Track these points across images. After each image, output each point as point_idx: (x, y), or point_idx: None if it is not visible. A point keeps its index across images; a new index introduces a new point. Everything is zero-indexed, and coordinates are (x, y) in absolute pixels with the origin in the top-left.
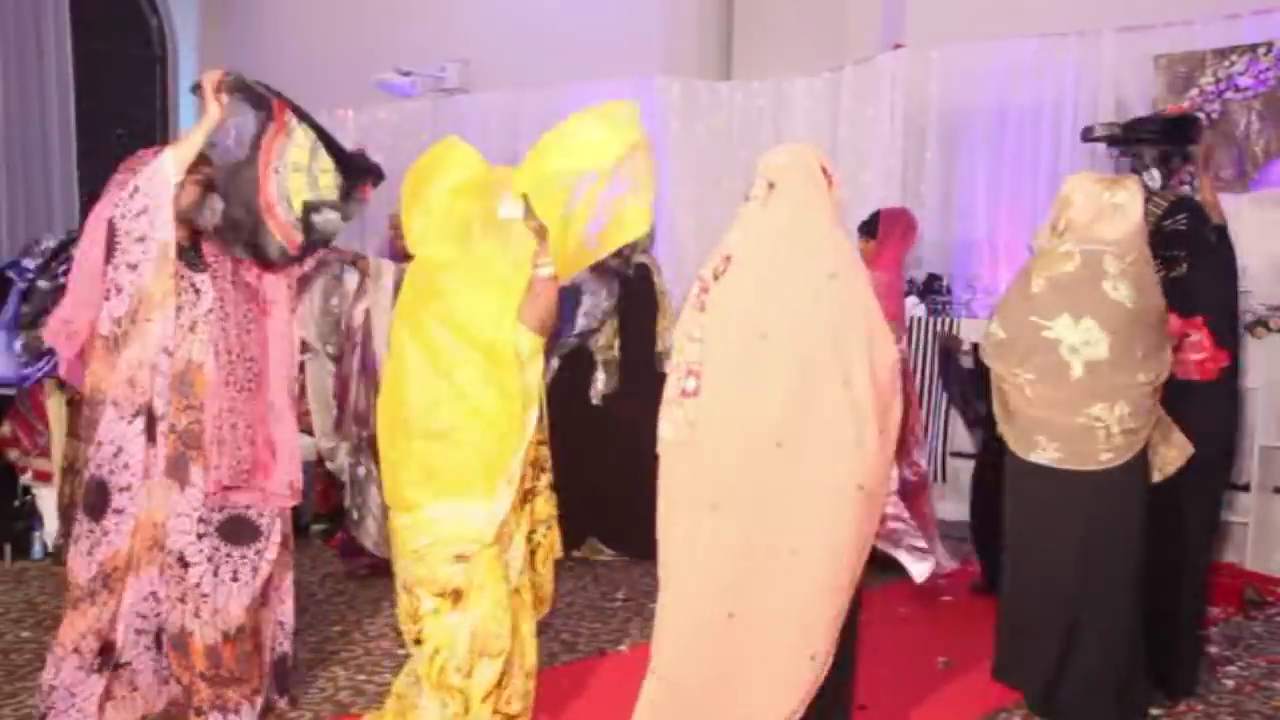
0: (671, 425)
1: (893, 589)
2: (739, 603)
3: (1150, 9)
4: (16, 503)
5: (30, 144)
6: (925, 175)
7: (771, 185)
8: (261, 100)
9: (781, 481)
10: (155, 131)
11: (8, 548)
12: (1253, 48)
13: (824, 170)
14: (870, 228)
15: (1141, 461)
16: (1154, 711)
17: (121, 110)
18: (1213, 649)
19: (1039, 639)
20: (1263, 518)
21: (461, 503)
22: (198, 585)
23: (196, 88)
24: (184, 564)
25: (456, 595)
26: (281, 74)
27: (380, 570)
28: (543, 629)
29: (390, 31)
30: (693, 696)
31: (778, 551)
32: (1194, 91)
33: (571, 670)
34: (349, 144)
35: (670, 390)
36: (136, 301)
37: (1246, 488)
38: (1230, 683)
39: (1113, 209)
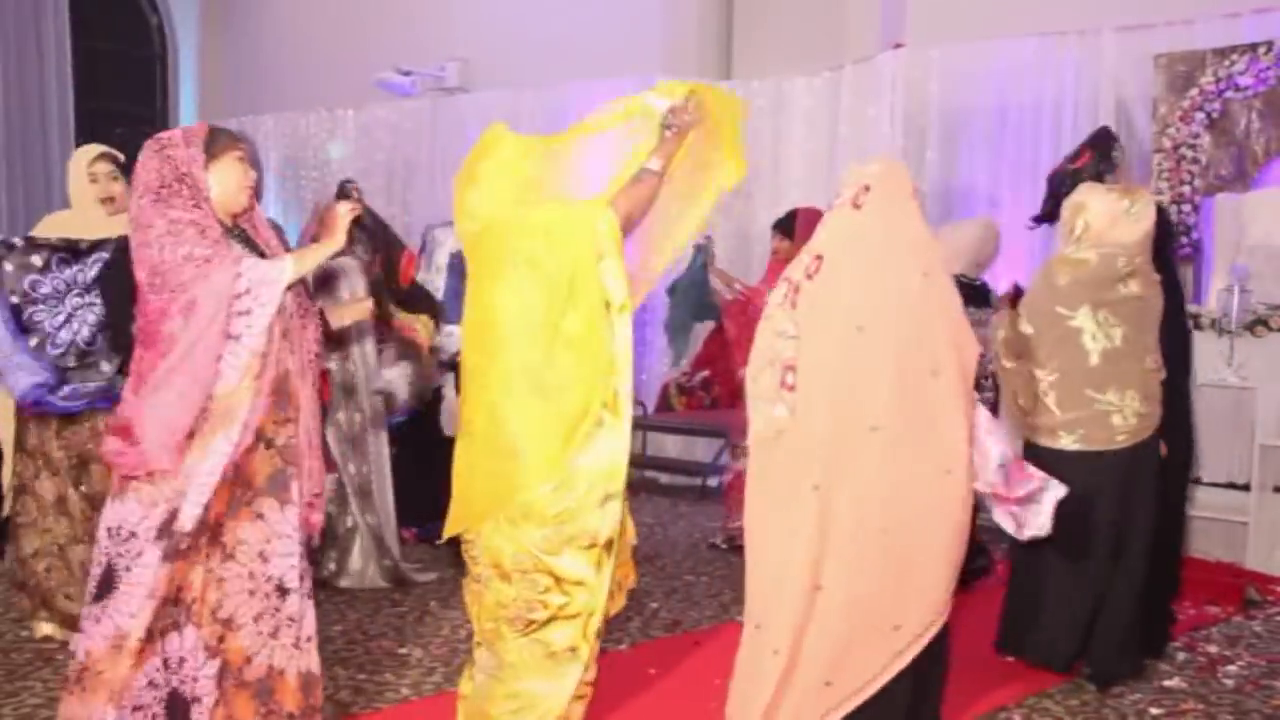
0: (767, 417)
1: None
2: (834, 577)
3: (1150, 8)
4: None
5: (30, 143)
6: (925, 175)
7: (868, 188)
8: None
9: (876, 464)
10: (154, 131)
11: (9, 547)
12: (1253, 47)
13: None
14: (786, 226)
15: (1155, 440)
16: (1154, 711)
17: (121, 110)
18: (1212, 648)
19: (1073, 610)
20: (1262, 517)
21: (597, 443)
22: (293, 614)
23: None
24: (282, 592)
25: (609, 545)
26: (282, 73)
27: None
28: None
29: (390, 31)
30: (803, 661)
31: (869, 530)
32: (1194, 91)
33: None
34: (349, 143)
35: (763, 384)
36: (221, 406)
37: (1247, 487)
38: (1230, 682)
39: (1128, 216)
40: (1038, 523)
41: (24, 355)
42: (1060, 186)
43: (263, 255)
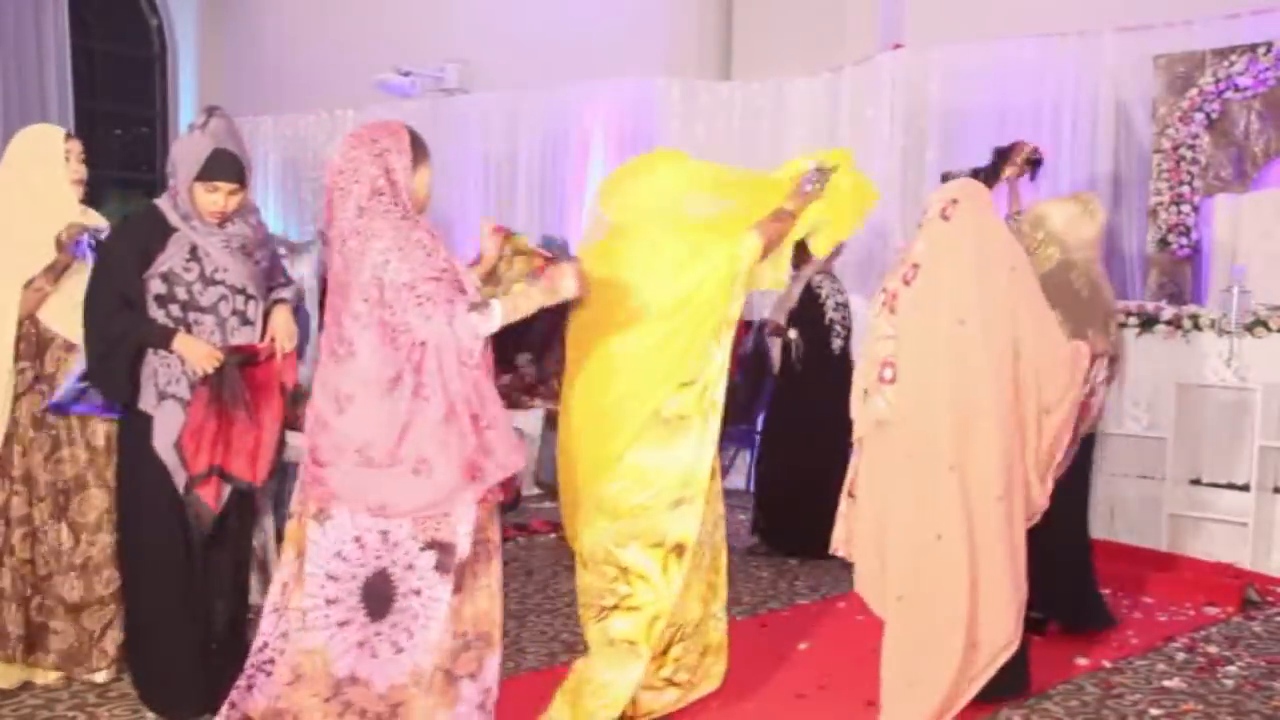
0: (871, 410)
1: None
2: (984, 544)
3: (1150, 9)
4: None
5: None
6: (925, 175)
7: (955, 201)
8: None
9: (985, 438)
10: (154, 131)
11: None
12: (1252, 48)
13: None
14: None
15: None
16: (1154, 712)
17: (121, 110)
18: (1212, 649)
19: (1073, 574)
20: (1262, 518)
21: (680, 446)
22: None
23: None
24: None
25: (678, 549)
26: (281, 74)
27: None
28: (543, 629)
29: (390, 32)
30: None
31: (991, 499)
32: (1193, 91)
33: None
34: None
35: (866, 381)
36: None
37: (1246, 488)
38: (1230, 682)
39: (1083, 215)
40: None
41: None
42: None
43: None
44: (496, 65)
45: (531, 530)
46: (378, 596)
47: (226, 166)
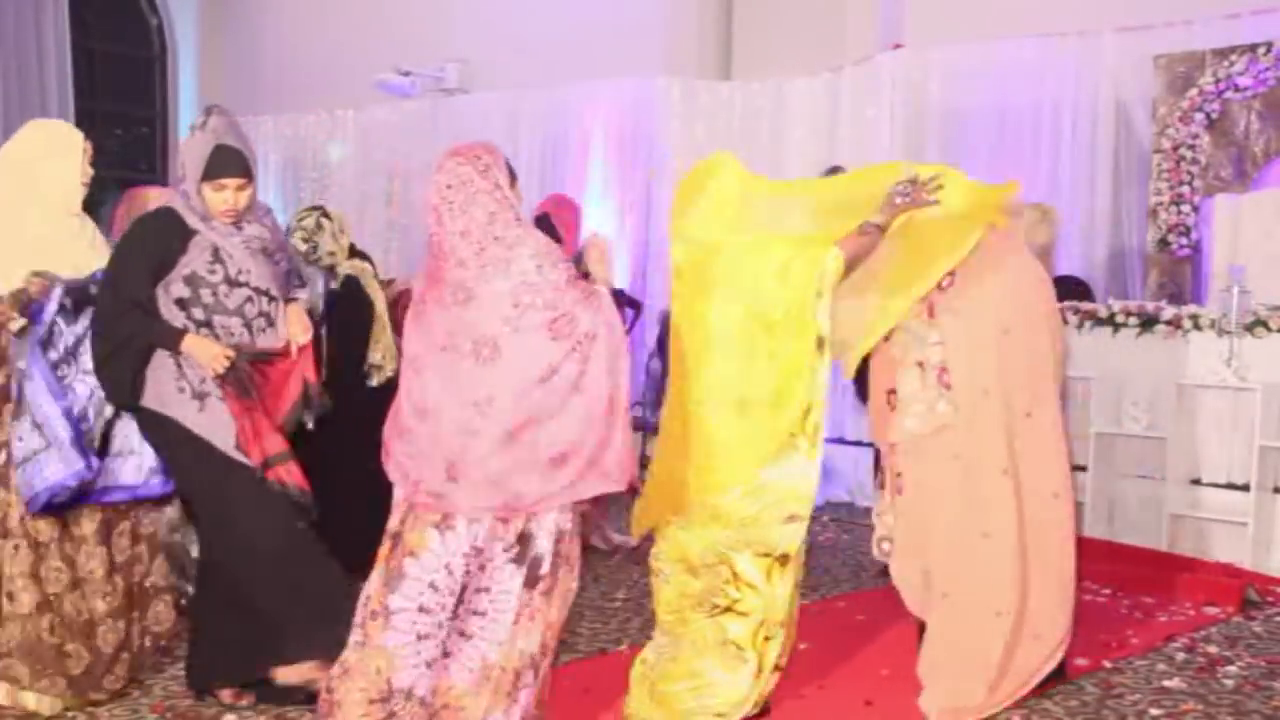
0: (922, 416)
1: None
2: (1035, 540)
3: (1150, 9)
4: None
5: None
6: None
7: None
8: None
9: (1037, 442)
10: (154, 132)
11: None
12: (1252, 48)
13: None
14: (543, 227)
15: None
16: (1154, 712)
17: (121, 110)
18: (1212, 649)
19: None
20: (1262, 518)
21: (789, 463)
22: None
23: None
24: None
25: (784, 559)
26: (281, 74)
27: None
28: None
29: (390, 32)
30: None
31: (1045, 496)
32: (1193, 91)
33: (571, 670)
34: (348, 144)
35: (912, 388)
36: None
37: (1246, 488)
38: (1230, 683)
39: (1042, 222)
40: None
41: (69, 430)
42: None
43: None
44: (497, 65)
45: None
46: (467, 614)
47: (229, 162)
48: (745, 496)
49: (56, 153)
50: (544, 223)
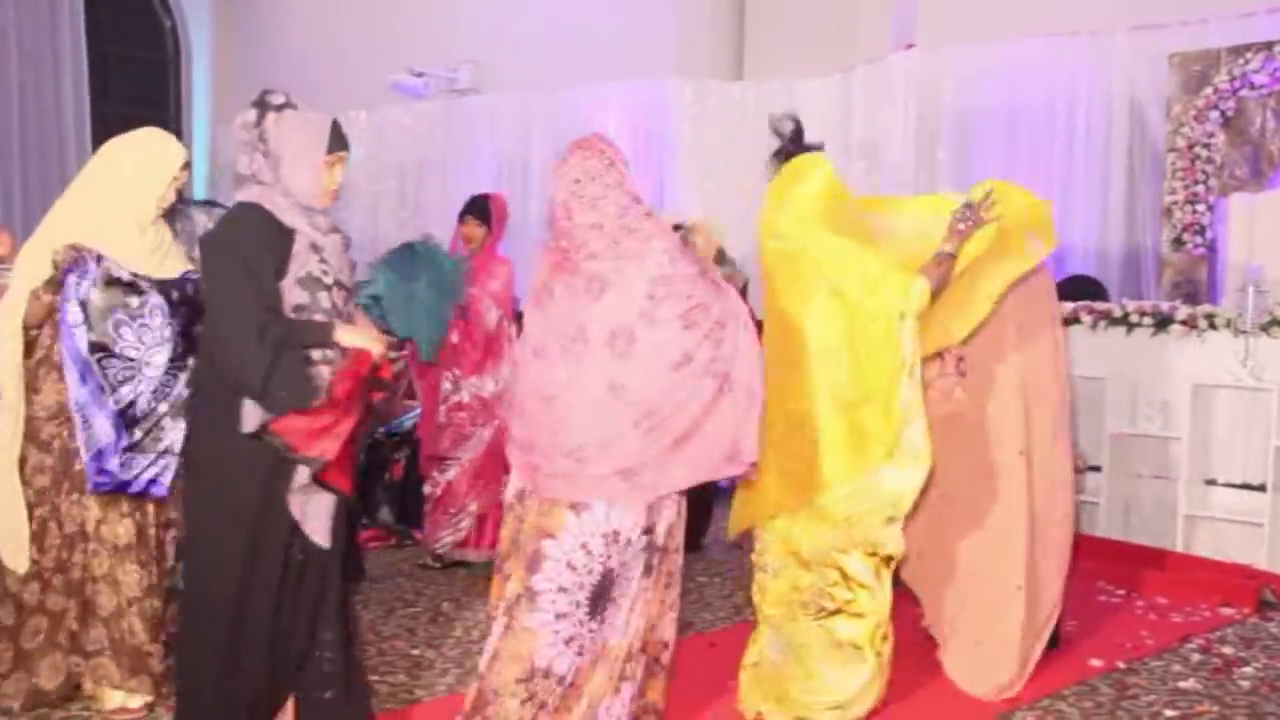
0: (941, 402)
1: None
2: (1045, 517)
3: (1164, 7)
4: None
5: (45, 146)
6: (938, 176)
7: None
8: None
9: (1045, 429)
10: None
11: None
12: (1268, 45)
13: None
14: (481, 212)
15: None
16: (1169, 713)
17: (135, 112)
18: (1228, 650)
19: None
20: (1278, 518)
21: (892, 467)
22: None
23: None
24: None
25: (888, 560)
26: (294, 75)
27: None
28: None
29: (403, 33)
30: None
31: (1055, 480)
32: (1208, 90)
33: None
34: (361, 145)
35: (932, 372)
36: None
37: (1262, 488)
38: (1246, 684)
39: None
40: None
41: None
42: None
43: None
44: (509, 66)
45: None
46: (599, 596)
47: (342, 134)
48: (851, 496)
49: (145, 163)
50: (480, 205)
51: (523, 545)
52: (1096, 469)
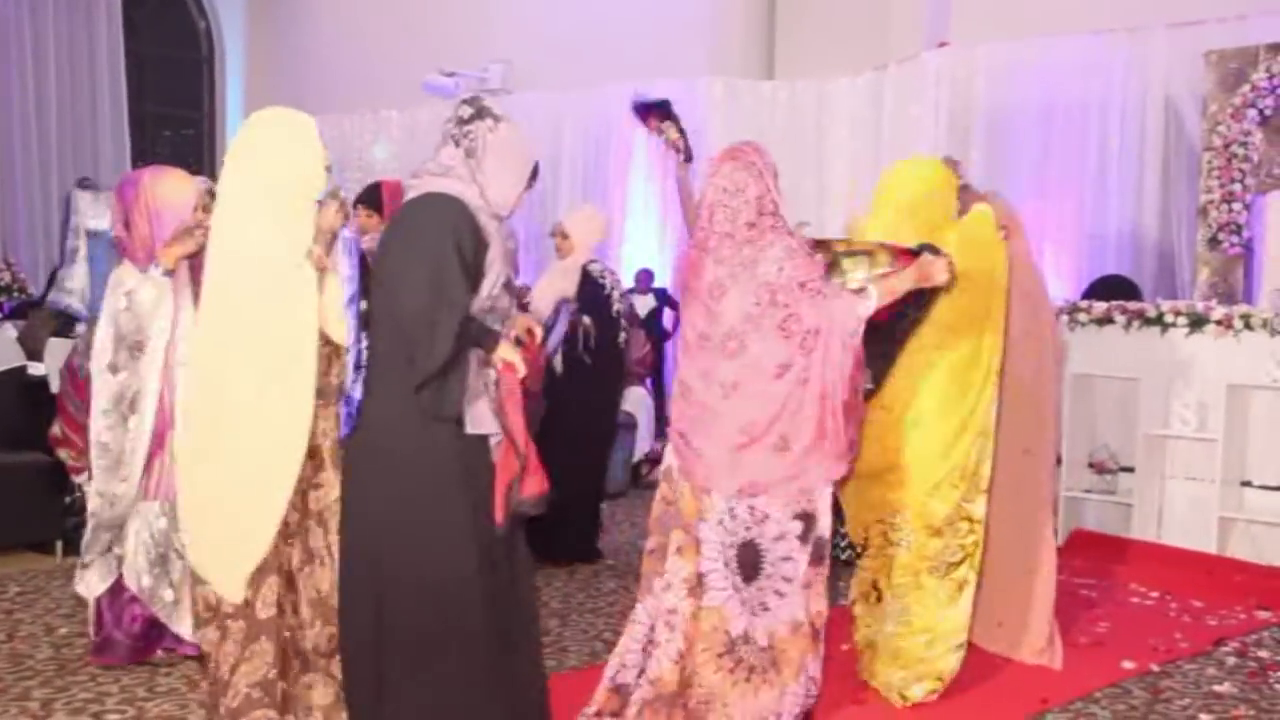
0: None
1: None
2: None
3: (1201, 4)
4: (68, 499)
5: (82, 146)
6: (971, 175)
7: (1004, 226)
8: None
9: (1045, 426)
10: (201, 133)
11: (59, 544)
12: None
13: None
14: (373, 200)
15: None
16: (1204, 717)
17: (171, 112)
18: (1263, 653)
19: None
20: None
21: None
22: None
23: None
24: None
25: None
26: (327, 76)
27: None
28: (585, 628)
29: (434, 33)
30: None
31: (1045, 462)
32: (1245, 87)
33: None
34: (393, 144)
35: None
36: None
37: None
38: None
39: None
40: None
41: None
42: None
43: None
44: (540, 66)
45: None
46: (748, 564)
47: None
48: (948, 455)
49: (297, 140)
50: (375, 193)
51: (680, 527)
52: (1129, 470)
